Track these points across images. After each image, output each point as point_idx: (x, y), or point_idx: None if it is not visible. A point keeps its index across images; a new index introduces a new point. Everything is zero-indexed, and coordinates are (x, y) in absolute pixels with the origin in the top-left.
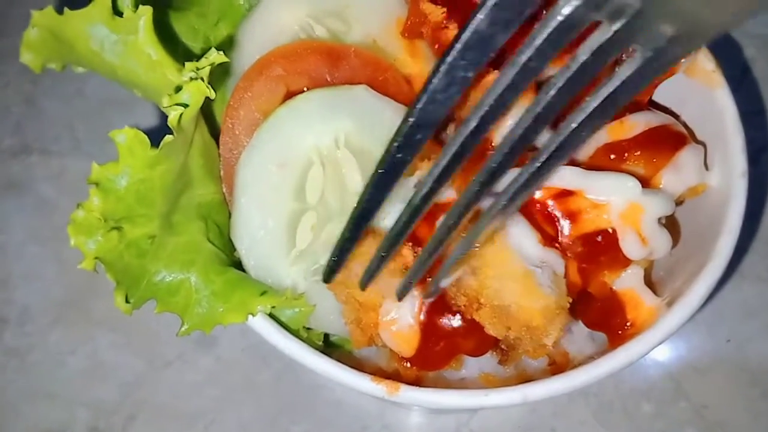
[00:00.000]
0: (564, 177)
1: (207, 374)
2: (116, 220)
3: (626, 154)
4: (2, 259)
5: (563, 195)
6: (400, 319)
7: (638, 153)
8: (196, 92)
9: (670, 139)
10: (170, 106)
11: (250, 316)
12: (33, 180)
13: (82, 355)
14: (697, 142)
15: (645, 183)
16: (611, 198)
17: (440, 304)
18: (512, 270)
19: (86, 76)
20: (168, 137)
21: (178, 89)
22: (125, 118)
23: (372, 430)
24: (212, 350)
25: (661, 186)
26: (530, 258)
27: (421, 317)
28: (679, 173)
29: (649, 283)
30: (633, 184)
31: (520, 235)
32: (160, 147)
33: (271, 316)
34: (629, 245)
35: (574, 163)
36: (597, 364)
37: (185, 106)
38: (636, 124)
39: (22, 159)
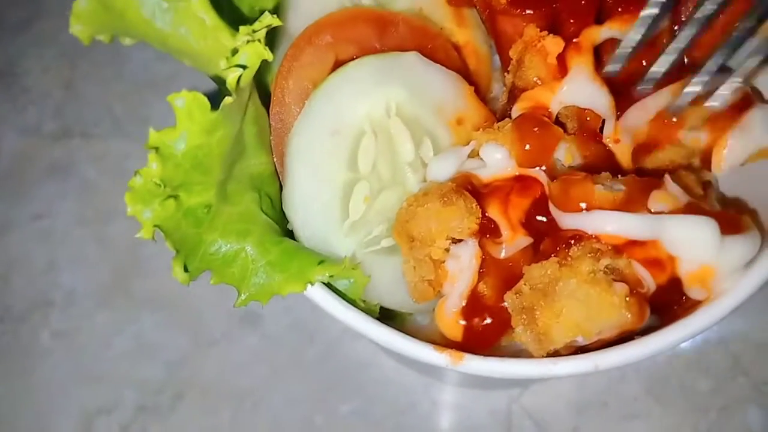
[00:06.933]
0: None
1: (253, 352)
2: (174, 187)
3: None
4: (48, 243)
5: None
6: (447, 303)
7: None
8: (254, 54)
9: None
10: (228, 68)
11: (309, 286)
12: (75, 163)
13: (128, 336)
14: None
15: (709, 146)
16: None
17: (502, 276)
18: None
19: (124, 59)
20: (227, 98)
21: (235, 52)
22: (163, 100)
23: (421, 407)
24: (257, 328)
25: (725, 150)
26: None
27: (468, 295)
28: (747, 135)
29: None
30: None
31: None
32: (219, 109)
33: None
34: (694, 294)
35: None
36: (670, 331)
37: (243, 68)
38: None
39: (64, 143)
